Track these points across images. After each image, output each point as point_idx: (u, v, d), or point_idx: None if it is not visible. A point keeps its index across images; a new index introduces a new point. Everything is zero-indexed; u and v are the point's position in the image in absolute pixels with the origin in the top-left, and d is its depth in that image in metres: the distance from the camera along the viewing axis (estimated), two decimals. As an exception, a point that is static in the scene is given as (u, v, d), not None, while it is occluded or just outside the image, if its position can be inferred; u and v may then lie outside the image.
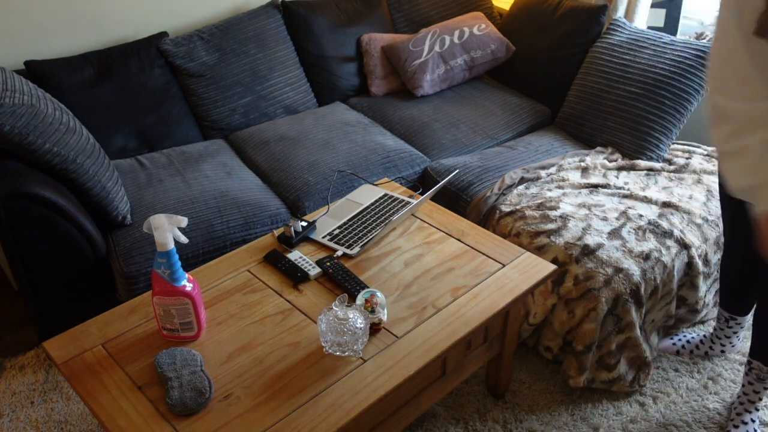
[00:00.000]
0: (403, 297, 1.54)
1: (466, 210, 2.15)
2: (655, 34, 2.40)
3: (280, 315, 1.49)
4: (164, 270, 1.33)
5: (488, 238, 1.74)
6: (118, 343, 1.41)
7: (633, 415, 1.83)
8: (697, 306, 2.02)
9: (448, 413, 1.83)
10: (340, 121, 2.53)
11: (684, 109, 2.25)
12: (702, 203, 2.04)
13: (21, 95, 1.84)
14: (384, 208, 1.85)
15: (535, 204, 2.04)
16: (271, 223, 2.07)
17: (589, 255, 1.82)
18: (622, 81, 2.35)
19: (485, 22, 2.83)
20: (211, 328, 1.45)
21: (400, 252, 1.70)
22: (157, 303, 1.37)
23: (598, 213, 1.99)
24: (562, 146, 2.41)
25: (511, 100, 2.70)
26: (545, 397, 1.88)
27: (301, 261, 1.63)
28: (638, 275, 1.80)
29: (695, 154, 2.31)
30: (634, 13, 2.61)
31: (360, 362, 1.36)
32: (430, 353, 1.39)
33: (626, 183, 2.16)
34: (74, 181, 1.88)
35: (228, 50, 2.48)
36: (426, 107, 2.64)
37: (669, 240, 1.90)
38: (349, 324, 1.33)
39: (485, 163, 2.28)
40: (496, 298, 1.53)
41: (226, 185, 2.15)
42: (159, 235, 1.29)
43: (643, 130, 2.28)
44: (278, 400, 1.28)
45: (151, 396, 1.29)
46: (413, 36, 2.74)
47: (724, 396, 1.88)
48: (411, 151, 2.39)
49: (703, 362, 1.99)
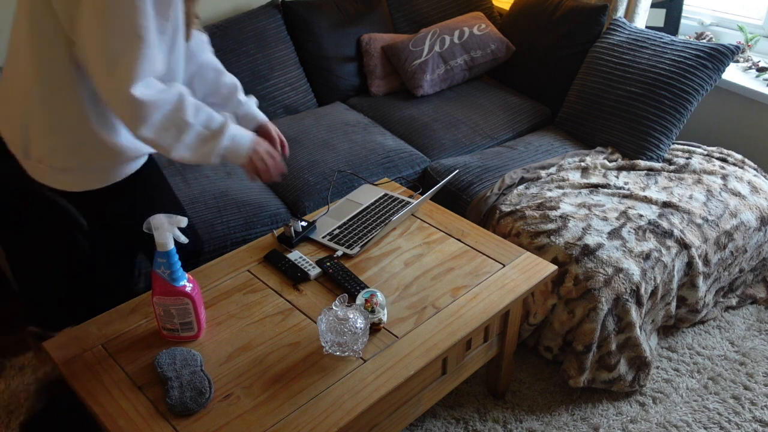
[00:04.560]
0: (403, 297, 1.54)
1: (466, 210, 2.15)
2: (655, 34, 2.40)
3: (280, 315, 1.49)
4: (164, 270, 1.33)
5: (488, 238, 1.74)
6: (118, 343, 1.41)
7: (633, 415, 1.83)
8: (697, 306, 2.02)
9: (448, 413, 1.83)
10: (340, 121, 2.53)
11: (684, 109, 2.25)
12: (702, 203, 2.04)
13: (21, 95, 1.84)
14: (384, 208, 1.85)
15: (535, 204, 2.04)
16: (271, 223, 2.07)
17: (589, 255, 1.82)
18: (622, 81, 2.35)
19: (485, 22, 2.83)
20: (211, 328, 1.45)
21: (400, 252, 1.70)
22: (157, 303, 1.36)
23: (598, 213, 1.99)
24: (562, 146, 2.41)
25: (511, 100, 2.70)
26: (545, 397, 1.88)
27: (301, 261, 1.63)
28: (638, 275, 1.80)
29: (695, 154, 2.31)
30: (634, 13, 2.61)
31: (360, 362, 1.36)
32: (430, 353, 1.39)
33: (626, 183, 2.16)
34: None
35: (228, 50, 2.48)
36: (426, 107, 2.64)
37: (669, 240, 1.90)
38: (349, 324, 1.33)
39: (485, 163, 2.28)
40: (496, 298, 1.53)
41: (226, 185, 2.15)
42: (159, 235, 1.29)
43: (643, 130, 2.28)
44: (278, 400, 1.28)
45: (151, 396, 1.29)
46: (413, 36, 2.74)
47: (724, 396, 1.88)
48: (411, 151, 2.39)
49: (703, 362, 1.99)
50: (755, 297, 2.21)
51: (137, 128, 1.32)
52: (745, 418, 1.82)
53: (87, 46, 1.26)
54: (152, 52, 1.28)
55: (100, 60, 1.26)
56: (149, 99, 1.29)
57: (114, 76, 1.26)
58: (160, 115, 1.32)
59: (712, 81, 2.26)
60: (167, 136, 1.36)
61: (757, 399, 1.87)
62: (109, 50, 1.24)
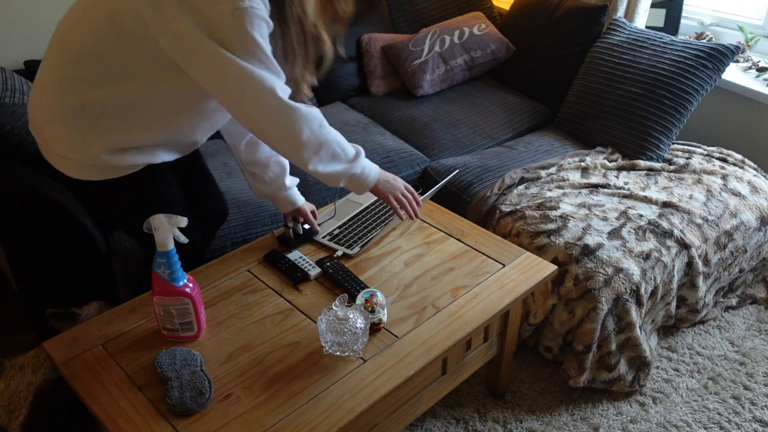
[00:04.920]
0: (403, 297, 1.54)
1: (466, 210, 2.15)
2: (655, 34, 2.40)
3: (280, 315, 1.49)
4: (164, 270, 1.33)
5: (488, 238, 1.74)
6: (118, 343, 1.41)
7: (633, 415, 1.83)
8: (697, 306, 2.02)
9: (448, 413, 1.83)
10: (340, 121, 2.53)
11: (684, 109, 2.25)
12: (702, 203, 2.04)
13: (21, 95, 1.84)
14: (384, 208, 1.85)
15: (535, 204, 2.04)
16: (271, 223, 2.07)
17: (589, 255, 1.82)
18: (622, 81, 2.35)
19: (485, 22, 2.83)
20: (211, 328, 1.45)
21: (400, 252, 1.70)
22: (157, 303, 1.36)
23: (598, 213, 1.99)
24: (562, 146, 2.41)
25: (511, 100, 2.70)
26: (545, 397, 1.88)
27: (301, 261, 1.63)
28: (638, 275, 1.80)
29: (695, 154, 2.31)
30: (634, 13, 2.61)
31: (360, 362, 1.36)
32: (430, 353, 1.39)
33: (626, 183, 2.16)
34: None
35: (228, 50, 2.48)
36: (426, 107, 2.64)
37: (669, 240, 1.90)
38: (349, 324, 1.33)
39: (485, 163, 2.28)
40: (496, 298, 1.53)
41: (227, 185, 2.14)
42: (159, 235, 1.29)
43: (643, 130, 2.28)
44: (278, 400, 1.28)
45: (151, 396, 1.29)
46: (413, 36, 2.74)
47: (724, 396, 1.88)
48: (411, 151, 2.39)
49: (703, 362, 1.99)
50: (755, 297, 2.21)
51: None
52: (745, 418, 1.82)
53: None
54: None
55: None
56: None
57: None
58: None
59: (712, 81, 2.26)
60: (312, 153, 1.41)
61: (757, 399, 1.87)
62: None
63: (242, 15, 1.23)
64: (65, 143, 1.40)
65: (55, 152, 1.44)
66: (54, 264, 1.82)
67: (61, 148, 1.42)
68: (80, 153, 1.40)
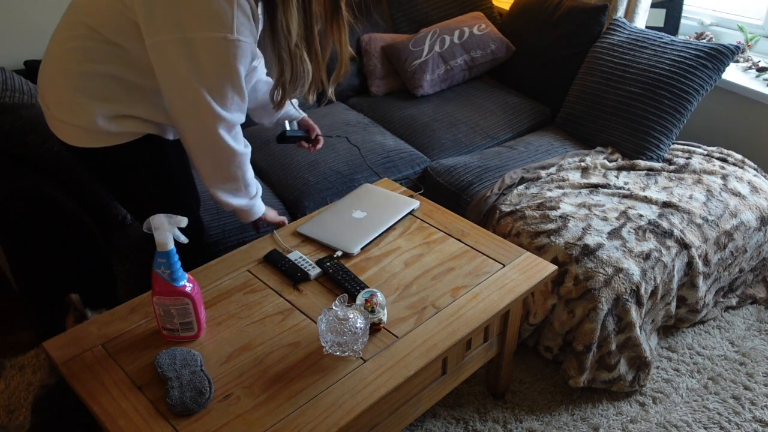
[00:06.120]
0: (403, 297, 1.54)
1: (466, 210, 2.15)
2: (655, 34, 2.40)
3: (280, 315, 1.49)
4: (164, 270, 1.33)
5: (488, 238, 1.74)
6: (118, 343, 1.41)
7: (633, 415, 1.83)
8: (697, 306, 2.02)
9: (448, 413, 1.83)
10: (340, 121, 2.53)
11: (684, 109, 2.25)
12: (702, 203, 2.04)
13: (21, 95, 1.84)
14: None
15: (535, 204, 2.04)
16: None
17: (589, 255, 1.82)
18: (622, 81, 2.35)
19: (485, 22, 2.83)
20: (211, 328, 1.45)
21: (400, 252, 1.70)
22: (157, 303, 1.37)
23: (598, 213, 1.99)
24: (562, 146, 2.41)
25: (511, 100, 2.70)
26: (545, 397, 1.88)
27: (301, 261, 1.63)
28: (638, 275, 1.80)
29: (695, 154, 2.31)
30: (634, 13, 2.61)
31: (360, 362, 1.36)
32: (430, 353, 1.39)
33: (626, 183, 2.16)
34: (74, 180, 1.88)
35: (228, 50, 2.48)
36: (426, 107, 2.64)
37: (669, 240, 1.90)
38: (349, 324, 1.33)
39: (485, 163, 2.28)
40: (496, 298, 1.53)
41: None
42: (159, 235, 1.29)
43: (643, 130, 2.28)
44: (278, 400, 1.28)
45: (151, 396, 1.29)
46: (413, 36, 2.74)
47: (724, 396, 1.88)
48: (411, 151, 2.39)
49: (703, 362, 1.99)
50: (755, 297, 2.21)
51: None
52: (745, 418, 1.82)
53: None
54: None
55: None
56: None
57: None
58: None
59: (712, 81, 2.26)
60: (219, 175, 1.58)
61: (757, 399, 1.87)
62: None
63: (229, 46, 1.34)
64: (65, 106, 1.47)
65: (55, 117, 1.50)
66: (54, 264, 1.82)
67: (60, 112, 1.48)
68: (78, 117, 1.46)
